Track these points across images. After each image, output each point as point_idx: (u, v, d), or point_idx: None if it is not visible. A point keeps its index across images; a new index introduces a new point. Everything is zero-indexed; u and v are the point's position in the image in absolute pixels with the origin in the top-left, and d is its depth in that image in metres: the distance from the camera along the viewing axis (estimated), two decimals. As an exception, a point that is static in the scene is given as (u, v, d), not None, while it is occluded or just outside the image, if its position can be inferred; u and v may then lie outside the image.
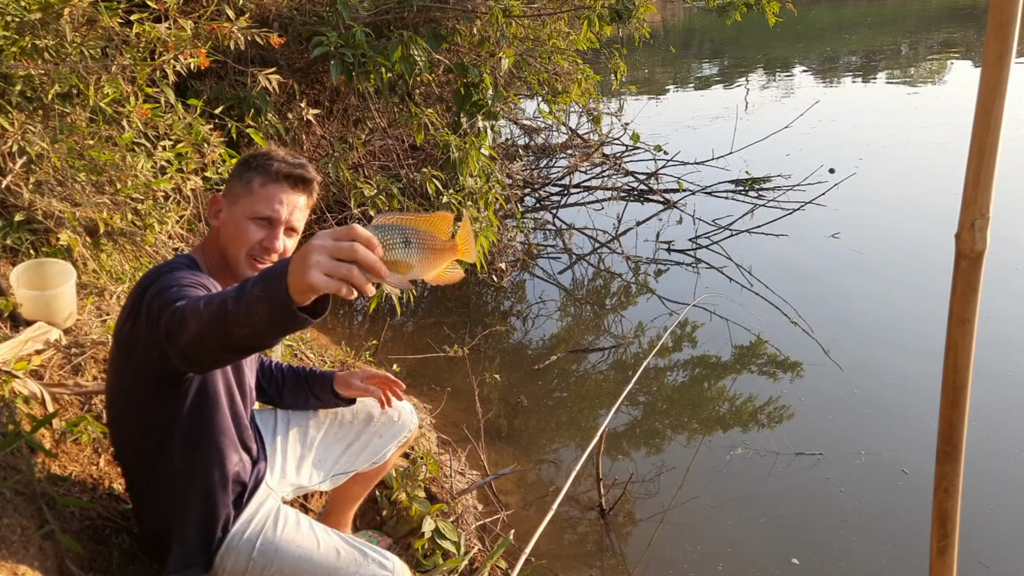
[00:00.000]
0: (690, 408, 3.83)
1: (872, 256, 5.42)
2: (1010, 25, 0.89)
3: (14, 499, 1.66)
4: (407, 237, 1.07)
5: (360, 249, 0.99)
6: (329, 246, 0.99)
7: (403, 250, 1.06)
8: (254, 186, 1.57)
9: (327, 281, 0.99)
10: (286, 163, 1.59)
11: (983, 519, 2.85)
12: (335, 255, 0.99)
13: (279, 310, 1.06)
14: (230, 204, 1.60)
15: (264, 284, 1.08)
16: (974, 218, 0.94)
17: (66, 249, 2.69)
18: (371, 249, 1.00)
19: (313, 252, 1.00)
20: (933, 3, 23.15)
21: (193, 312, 1.22)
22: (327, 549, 1.65)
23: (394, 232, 1.06)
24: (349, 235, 1.00)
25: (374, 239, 1.01)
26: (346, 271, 0.99)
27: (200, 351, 1.24)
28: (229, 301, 1.14)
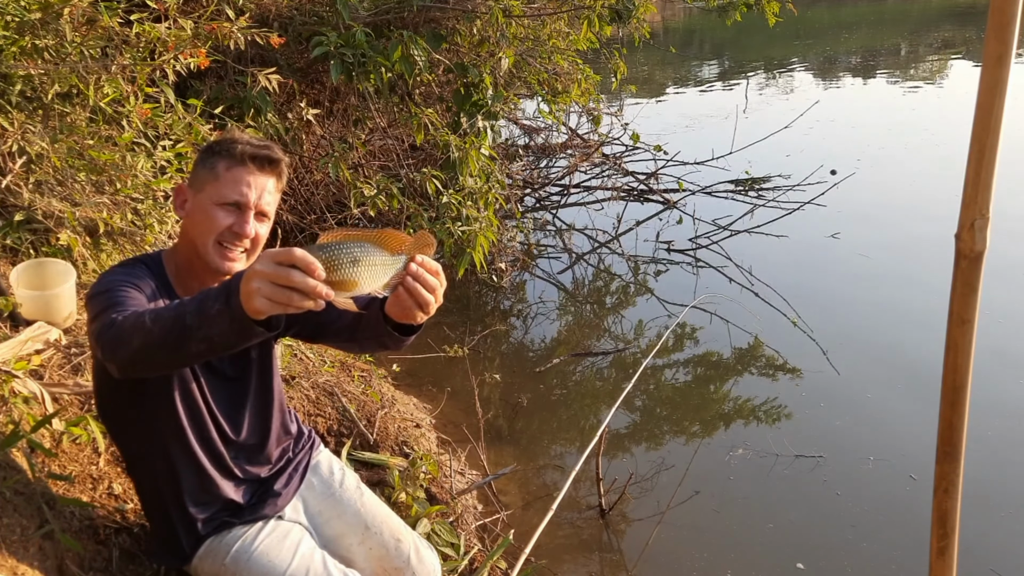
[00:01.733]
0: (690, 409, 3.83)
1: (872, 256, 5.42)
2: (1010, 25, 0.89)
3: (14, 499, 1.66)
4: (355, 256, 1.06)
5: (296, 276, 0.99)
6: (269, 272, 1.00)
7: (350, 269, 1.06)
8: (219, 170, 1.50)
9: (270, 305, 1.01)
10: (251, 145, 1.53)
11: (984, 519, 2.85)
12: (274, 280, 1.00)
13: (237, 324, 1.08)
14: (196, 192, 1.53)
15: (225, 299, 1.09)
16: (974, 218, 0.94)
17: (66, 249, 2.69)
18: (311, 273, 1.00)
19: (254, 279, 1.02)
20: (933, 3, 23.15)
21: (137, 327, 1.21)
22: (297, 568, 1.61)
23: (341, 251, 1.05)
24: (288, 260, 1.00)
25: (313, 264, 1.00)
26: (286, 297, 1.00)
27: (145, 364, 1.24)
28: (187, 316, 1.14)
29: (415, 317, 1.24)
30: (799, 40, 17.40)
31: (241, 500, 1.69)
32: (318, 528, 1.81)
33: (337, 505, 1.83)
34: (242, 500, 1.70)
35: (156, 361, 1.23)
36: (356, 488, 1.89)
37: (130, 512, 1.93)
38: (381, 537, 1.81)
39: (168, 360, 1.22)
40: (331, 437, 2.81)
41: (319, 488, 1.85)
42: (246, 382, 1.69)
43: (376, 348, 1.57)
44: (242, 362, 1.67)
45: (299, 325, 1.64)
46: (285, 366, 3.02)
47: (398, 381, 3.75)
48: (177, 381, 1.55)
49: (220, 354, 1.20)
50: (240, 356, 1.66)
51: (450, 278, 5.50)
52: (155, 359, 1.22)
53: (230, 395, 1.66)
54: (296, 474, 1.81)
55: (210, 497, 1.65)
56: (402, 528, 1.87)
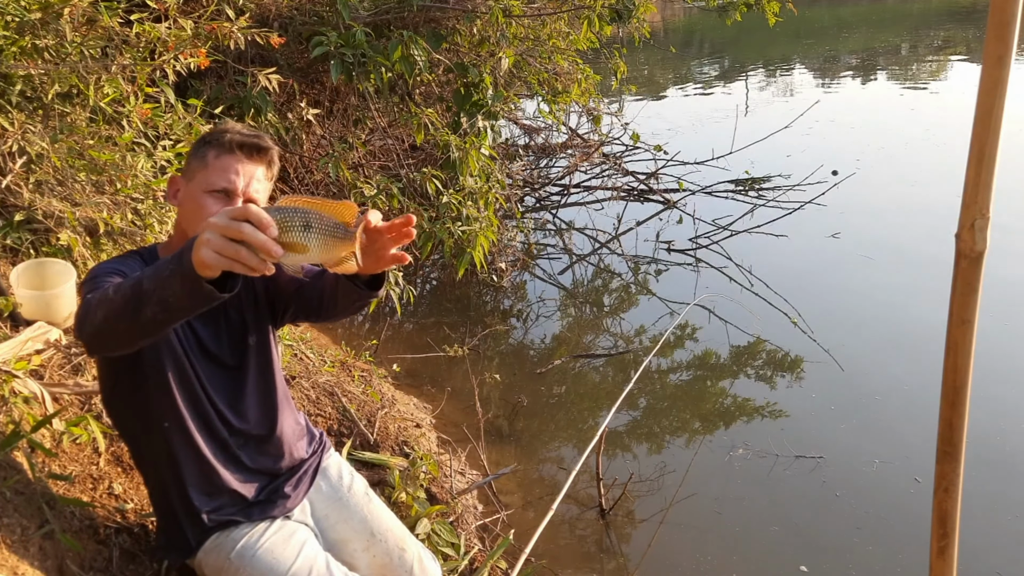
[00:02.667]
0: (690, 408, 3.83)
1: (873, 256, 5.42)
2: (1010, 25, 0.89)
3: (14, 499, 1.67)
4: (308, 220, 1.07)
5: (248, 229, 1.00)
6: (221, 225, 1.01)
7: (302, 233, 1.06)
8: (209, 159, 1.52)
9: (217, 259, 1.01)
10: (240, 133, 1.54)
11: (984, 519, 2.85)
12: (225, 234, 1.00)
13: (189, 283, 1.08)
14: (187, 182, 1.55)
15: (179, 259, 1.09)
16: (974, 218, 0.94)
17: (66, 249, 2.69)
18: (264, 230, 1.00)
19: (206, 230, 1.02)
20: (933, 3, 23.15)
21: (102, 300, 1.23)
22: (300, 568, 1.61)
23: (295, 214, 1.06)
24: (243, 215, 1.01)
25: (267, 220, 1.01)
26: (234, 251, 1.01)
27: (109, 336, 1.25)
28: (144, 280, 1.16)
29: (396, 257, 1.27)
30: (799, 40, 17.40)
31: (249, 495, 1.70)
32: (323, 532, 1.81)
33: (344, 510, 1.83)
34: (250, 495, 1.70)
35: (118, 331, 1.23)
36: (364, 494, 1.89)
37: (130, 512, 1.94)
38: (386, 545, 1.81)
39: (129, 329, 1.22)
40: (331, 437, 2.81)
41: (327, 492, 1.85)
42: (244, 370, 1.68)
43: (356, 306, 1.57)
44: (239, 349, 1.67)
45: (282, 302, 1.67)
46: (285, 366, 3.02)
47: (398, 381, 3.75)
48: (174, 369, 1.56)
49: (176, 319, 1.19)
50: (237, 343, 1.67)
51: (450, 278, 5.52)
52: (117, 329, 1.23)
53: (229, 383, 1.66)
54: (306, 476, 1.81)
55: (214, 488, 1.65)
56: (407, 537, 1.87)
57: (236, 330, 1.66)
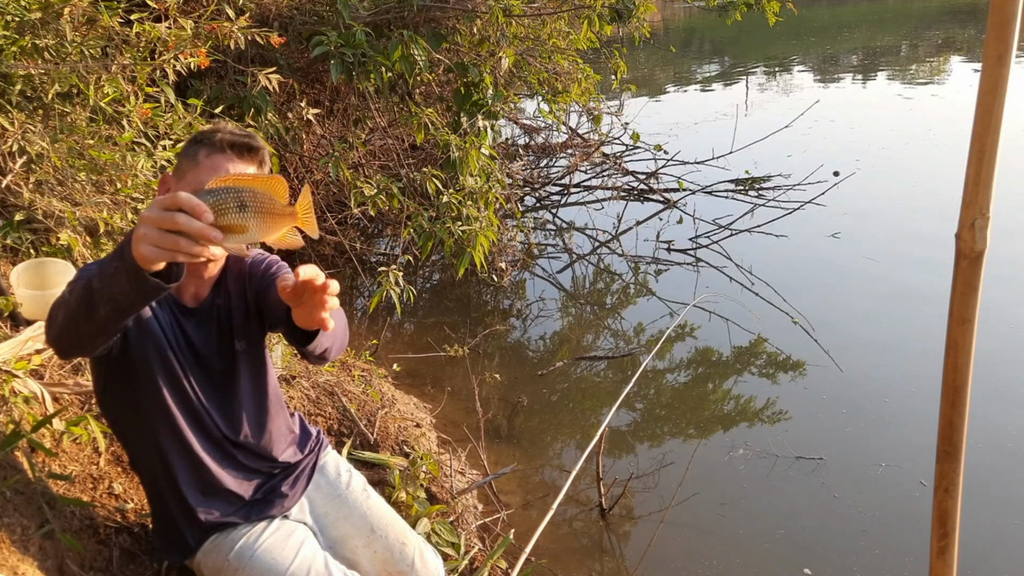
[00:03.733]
0: (690, 409, 3.83)
1: (873, 256, 5.42)
2: (1010, 25, 0.89)
3: (14, 499, 1.67)
4: (242, 200, 1.04)
5: (182, 219, 0.98)
6: (154, 217, 0.99)
7: (238, 213, 1.04)
8: (199, 158, 1.51)
9: (157, 252, 1.00)
10: (231, 133, 1.54)
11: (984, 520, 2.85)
12: (160, 226, 0.99)
13: (134, 279, 1.07)
14: (177, 180, 1.54)
15: (120, 255, 1.08)
16: (974, 218, 0.94)
17: (66, 248, 2.69)
18: (198, 216, 0.98)
19: (141, 224, 1.00)
20: (933, 3, 23.15)
21: (60, 303, 1.23)
22: (299, 568, 1.61)
23: (228, 195, 1.04)
24: (174, 204, 0.99)
25: (200, 206, 0.99)
26: (172, 242, 0.99)
27: (71, 337, 1.25)
28: (93, 279, 1.14)
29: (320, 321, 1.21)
30: (799, 39, 17.40)
31: (246, 495, 1.70)
32: (324, 529, 1.82)
33: (343, 507, 1.84)
34: (247, 495, 1.70)
35: (79, 332, 1.23)
36: (363, 490, 1.89)
37: (130, 512, 1.94)
38: (386, 540, 1.81)
39: (88, 329, 1.21)
40: (331, 437, 2.82)
41: (326, 489, 1.85)
42: (234, 374, 1.68)
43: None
44: (229, 353, 1.67)
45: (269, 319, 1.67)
46: (285, 366, 3.02)
47: (398, 381, 3.75)
48: (162, 370, 1.56)
49: (129, 314, 1.19)
50: (227, 347, 1.66)
51: (450, 278, 5.51)
52: (77, 330, 1.22)
53: (219, 386, 1.66)
54: (303, 475, 1.81)
55: (210, 489, 1.65)
56: (407, 532, 1.87)
57: (226, 335, 1.66)
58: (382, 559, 1.80)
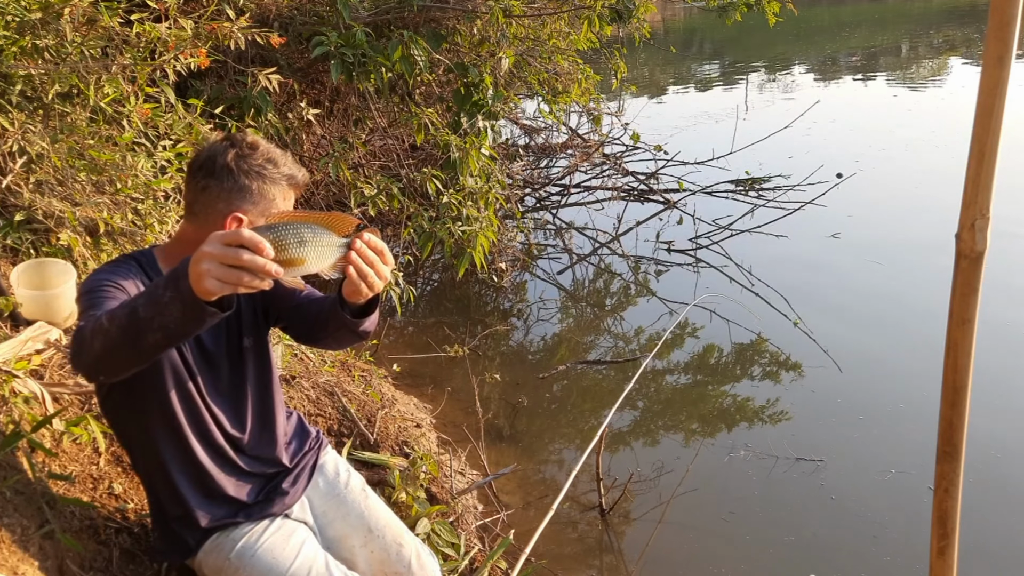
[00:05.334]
0: (690, 409, 3.83)
1: (873, 257, 5.42)
2: (1010, 25, 0.89)
3: (14, 499, 1.66)
4: (301, 236, 1.10)
5: (246, 256, 1.02)
6: (217, 253, 1.03)
7: (297, 248, 1.09)
8: (277, 203, 1.56)
9: (220, 286, 1.04)
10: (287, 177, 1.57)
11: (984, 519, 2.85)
12: (224, 261, 1.03)
13: (190, 308, 1.09)
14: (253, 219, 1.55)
15: (175, 285, 1.10)
16: (974, 218, 0.94)
17: (66, 249, 2.69)
18: (259, 253, 1.03)
19: (203, 260, 1.04)
20: (933, 3, 23.15)
21: (96, 331, 1.22)
22: (300, 568, 1.62)
23: (287, 231, 1.09)
24: (237, 241, 1.03)
25: (262, 243, 1.03)
26: (236, 277, 1.03)
27: (109, 365, 1.25)
28: (139, 308, 1.15)
29: (361, 292, 1.27)
30: (799, 40, 17.40)
31: (246, 498, 1.70)
32: (322, 529, 1.82)
33: (341, 506, 1.84)
34: (247, 498, 1.70)
35: (119, 360, 1.23)
36: (361, 490, 1.89)
37: (131, 512, 1.94)
38: (383, 541, 1.81)
39: (129, 357, 1.22)
40: (331, 437, 2.81)
41: (324, 489, 1.86)
42: (242, 372, 1.68)
43: (345, 337, 1.58)
44: (236, 350, 1.67)
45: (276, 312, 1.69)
46: (285, 366, 3.02)
47: (398, 381, 3.75)
48: (170, 371, 1.55)
49: (178, 342, 1.20)
50: (234, 344, 1.66)
51: (450, 278, 5.50)
52: (117, 359, 1.23)
53: (226, 384, 1.66)
54: (304, 474, 1.82)
55: (212, 492, 1.65)
56: (405, 533, 1.87)
57: (233, 332, 1.66)
58: (379, 559, 1.80)
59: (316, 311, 1.61)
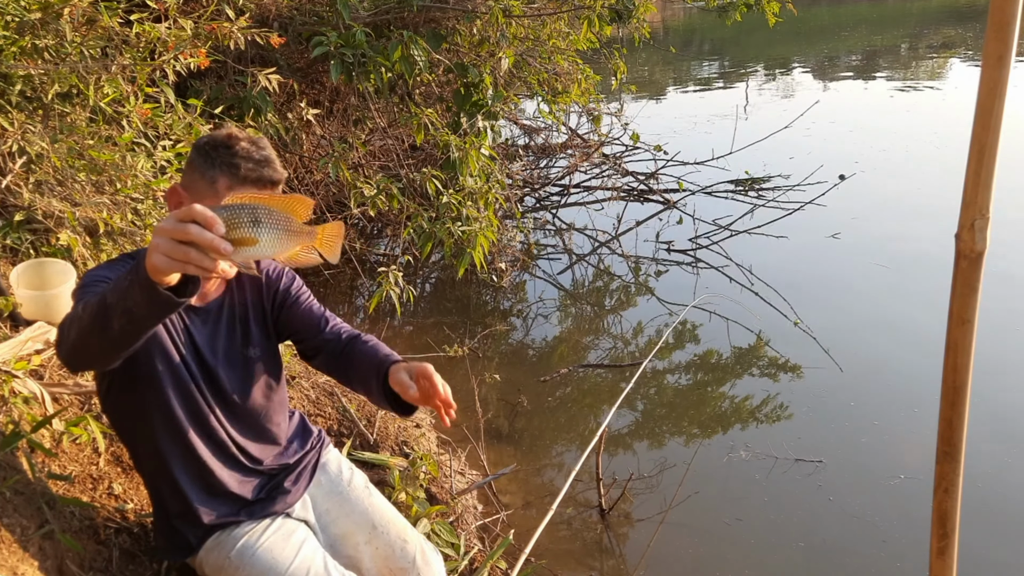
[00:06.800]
0: (689, 409, 3.83)
1: (873, 258, 5.42)
2: (1010, 25, 0.89)
3: (14, 499, 1.66)
4: (256, 216, 1.08)
5: (194, 229, 1.01)
6: (168, 228, 1.02)
7: (250, 228, 1.08)
8: (219, 187, 1.47)
9: (169, 262, 1.03)
10: (252, 162, 1.48)
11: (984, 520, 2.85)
12: (173, 236, 1.01)
13: (147, 292, 1.08)
14: (191, 198, 1.49)
15: (135, 268, 1.10)
16: (974, 218, 0.94)
17: (66, 249, 2.69)
18: (210, 228, 1.01)
19: (156, 234, 1.03)
20: (933, 3, 23.15)
21: (74, 319, 1.24)
22: (299, 568, 1.62)
23: (242, 211, 1.07)
24: (188, 216, 1.02)
25: (213, 218, 1.02)
26: (183, 253, 1.02)
27: (83, 353, 1.26)
28: (108, 294, 1.16)
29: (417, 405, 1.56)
30: (799, 40, 17.40)
31: (249, 495, 1.70)
32: (325, 527, 1.82)
33: (345, 504, 1.84)
34: (250, 495, 1.71)
35: (92, 347, 1.23)
36: (364, 488, 1.90)
37: (130, 512, 1.93)
38: (388, 537, 1.81)
39: (101, 344, 1.22)
40: (331, 437, 2.81)
41: (327, 487, 1.86)
42: (245, 379, 1.69)
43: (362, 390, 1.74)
44: (239, 359, 1.67)
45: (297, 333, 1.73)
46: (285, 364, 3.02)
47: (398, 381, 3.74)
48: (168, 372, 1.56)
49: (146, 328, 1.19)
50: (237, 353, 1.67)
51: (450, 278, 5.50)
52: (90, 345, 1.23)
53: (229, 390, 1.66)
54: (306, 472, 1.82)
55: (214, 491, 1.66)
56: (408, 529, 1.88)
57: (235, 338, 1.67)
58: (383, 556, 1.80)
59: (346, 350, 1.75)
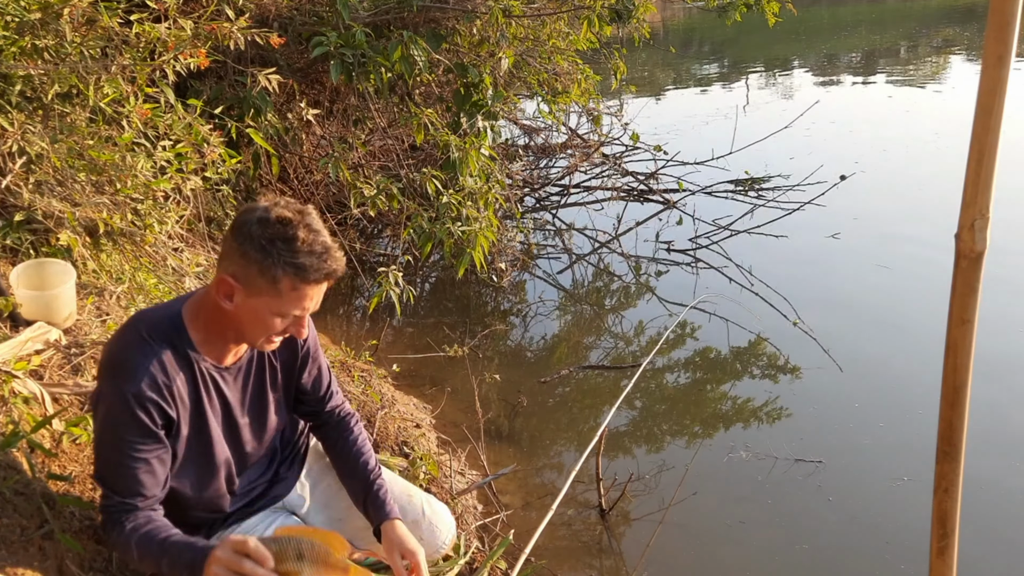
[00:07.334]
0: (689, 410, 3.83)
1: (873, 256, 5.42)
2: (1010, 25, 0.89)
3: (14, 499, 1.66)
4: (300, 550, 1.30)
5: (248, 565, 1.24)
6: (225, 559, 1.25)
7: (295, 562, 1.29)
8: (282, 288, 1.40)
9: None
10: (315, 257, 1.40)
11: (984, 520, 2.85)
12: (229, 567, 1.25)
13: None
14: (248, 294, 1.42)
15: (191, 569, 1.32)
16: (974, 218, 0.94)
17: (66, 249, 2.69)
18: (262, 563, 1.24)
19: (213, 563, 1.27)
20: (933, 3, 23.15)
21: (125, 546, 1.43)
22: None
23: (289, 544, 1.29)
24: (243, 549, 1.25)
25: (265, 556, 1.25)
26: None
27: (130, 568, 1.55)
28: (163, 564, 1.38)
29: None
30: (799, 40, 17.40)
31: (248, 499, 1.74)
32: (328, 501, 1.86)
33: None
34: (249, 498, 1.74)
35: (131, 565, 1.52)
36: None
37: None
38: (393, 494, 1.82)
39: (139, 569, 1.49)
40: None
41: (321, 462, 1.90)
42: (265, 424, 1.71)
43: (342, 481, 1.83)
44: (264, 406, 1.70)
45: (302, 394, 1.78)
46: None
47: (398, 381, 3.75)
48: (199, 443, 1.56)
49: None
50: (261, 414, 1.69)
51: (450, 278, 5.50)
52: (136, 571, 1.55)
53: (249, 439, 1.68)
54: (299, 457, 1.87)
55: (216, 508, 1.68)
56: (410, 485, 1.94)
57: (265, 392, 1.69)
58: None
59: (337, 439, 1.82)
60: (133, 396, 1.40)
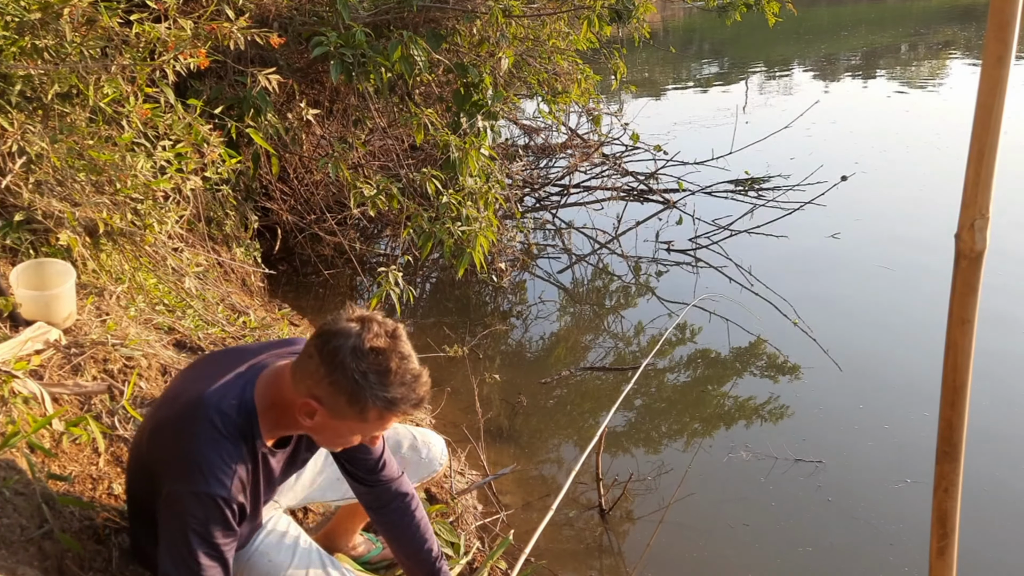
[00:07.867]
0: (689, 410, 3.83)
1: (872, 256, 5.42)
2: (1010, 25, 0.89)
3: (14, 499, 1.66)
4: None
5: None
6: None
7: None
8: (370, 417, 1.38)
9: None
10: (406, 387, 1.37)
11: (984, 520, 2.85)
12: None
13: None
14: (331, 416, 1.39)
15: None
16: (974, 218, 0.94)
17: (66, 249, 2.69)
18: None
19: None
20: (933, 3, 23.15)
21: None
22: (297, 569, 1.64)
23: None
24: None
25: None
26: None
27: None
28: None
29: None
30: (799, 40, 17.40)
31: None
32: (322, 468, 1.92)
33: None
34: None
35: None
36: None
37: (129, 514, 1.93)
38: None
39: None
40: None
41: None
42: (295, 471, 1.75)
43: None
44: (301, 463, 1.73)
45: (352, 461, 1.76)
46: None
47: (398, 381, 3.74)
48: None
49: None
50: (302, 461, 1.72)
51: (450, 278, 5.50)
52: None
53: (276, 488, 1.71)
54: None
55: None
56: (396, 424, 1.95)
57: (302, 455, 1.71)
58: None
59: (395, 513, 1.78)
60: (222, 500, 1.38)
